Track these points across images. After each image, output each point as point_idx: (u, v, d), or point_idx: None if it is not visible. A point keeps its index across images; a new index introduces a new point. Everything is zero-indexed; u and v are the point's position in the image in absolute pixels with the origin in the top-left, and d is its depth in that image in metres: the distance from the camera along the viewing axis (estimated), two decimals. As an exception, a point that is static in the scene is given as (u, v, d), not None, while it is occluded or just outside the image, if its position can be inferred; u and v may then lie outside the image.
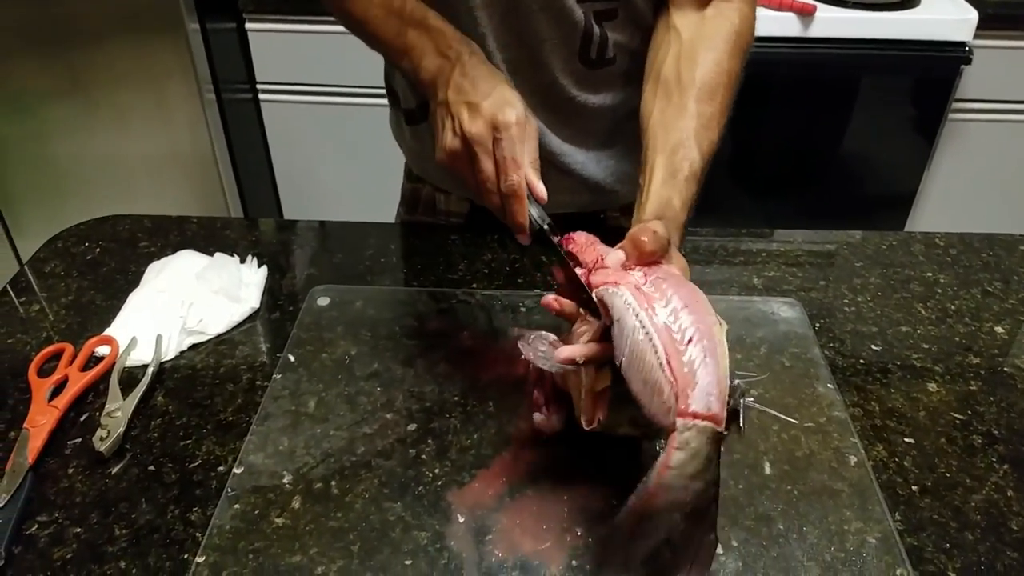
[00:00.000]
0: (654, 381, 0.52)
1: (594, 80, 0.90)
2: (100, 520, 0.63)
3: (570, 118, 0.93)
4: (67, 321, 0.84)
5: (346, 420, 0.71)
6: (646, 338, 0.54)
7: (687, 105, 0.76)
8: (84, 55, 1.80)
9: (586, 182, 0.97)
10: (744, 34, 0.82)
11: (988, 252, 0.97)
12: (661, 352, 0.53)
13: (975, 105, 1.89)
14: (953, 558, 0.61)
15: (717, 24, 0.81)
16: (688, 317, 0.54)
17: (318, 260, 0.94)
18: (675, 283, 0.58)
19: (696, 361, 0.53)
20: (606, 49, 0.88)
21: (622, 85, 0.92)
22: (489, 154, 0.71)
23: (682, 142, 0.75)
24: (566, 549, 0.59)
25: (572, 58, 0.87)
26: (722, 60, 0.79)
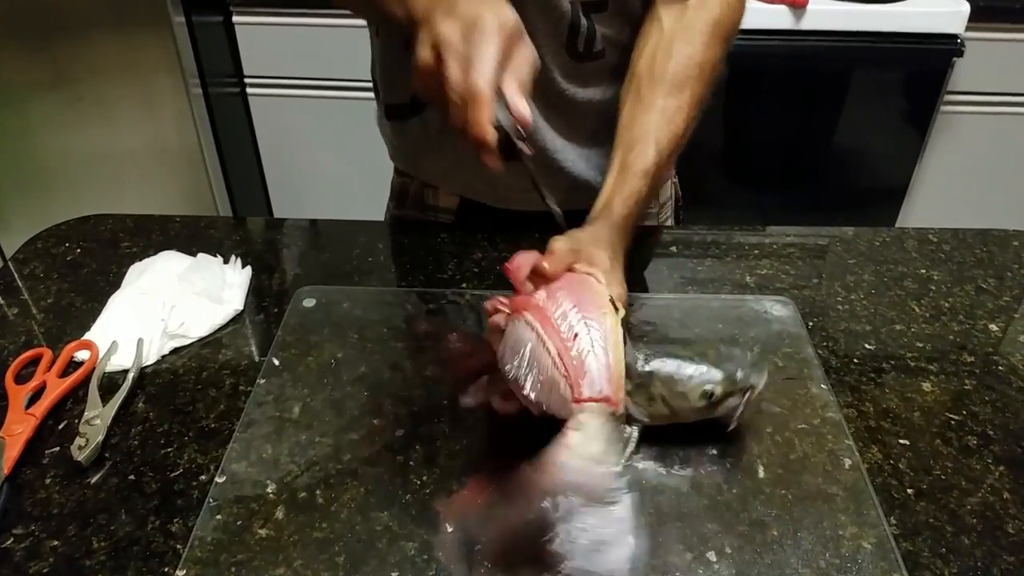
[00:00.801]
0: (549, 379, 0.56)
1: (582, 73, 0.88)
2: (78, 532, 0.61)
3: (560, 112, 0.91)
4: (46, 325, 0.82)
5: (332, 426, 0.69)
6: (539, 343, 0.57)
7: (654, 101, 0.79)
8: (68, 48, 1.77)
9: (576, 180, 0.95)
10: (724, 23, 0.82)
11: (982, 248, 0.96)
12: (553, 351, 0.57)
13: (967, 98, 1.89)
14: (949, 563, 0.60)
15: (697, 15, 0.81)
16: (576, 315, 0.60)
17: (304, 260, 0.93)
18: (569, 288, 0.63)
19: (584, 351, 0.58)
20: (594, 42, 0.86)
21: (611, 80, 0.90)
22: (459, 57, 0.60)
23: (639, 138, 0.78)
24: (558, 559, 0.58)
25: (560, 50, 0.86)
26: (695, 53, 0.80)
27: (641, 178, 0.77)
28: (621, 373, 0.59)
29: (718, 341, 0.71)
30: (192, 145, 1.89)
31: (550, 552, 0.51)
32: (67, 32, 1.75)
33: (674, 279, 0.89)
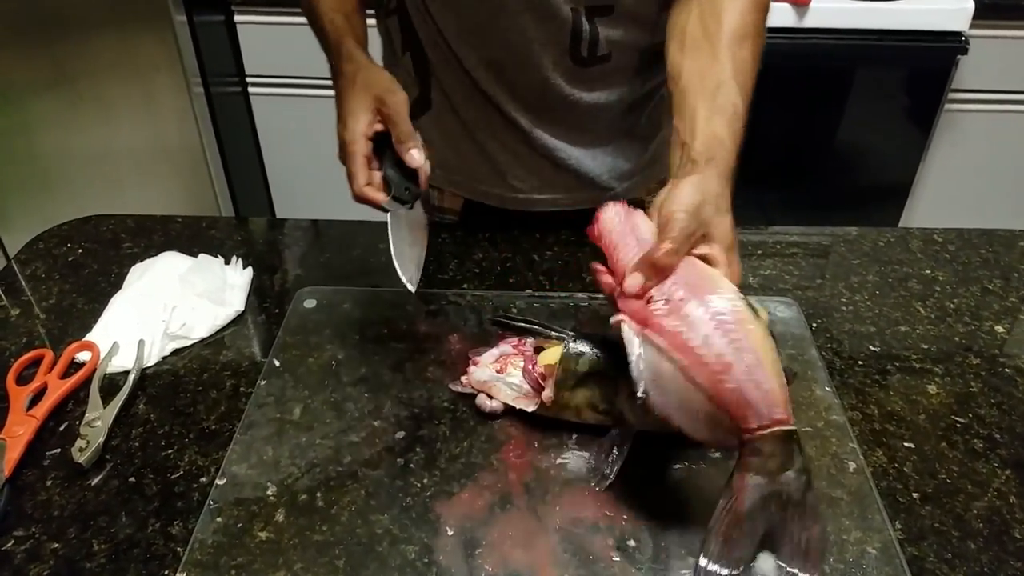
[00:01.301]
0: (707, 416, 0.55)
1: (587, 77, 0.88)
2: (78, 535, 0.61)
3: (564, 116, 0.91)
4: (47, 326, 0.82)
5: (332, 428, 0.69)
6: (687, 382, 0.55)
7: (719, 52, 0.74)
8: (69, 47, 1.76)
9: (582, 178, 0.95)
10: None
11: (987, 248, 0.95)
12: (706, 386, 0.54)
13: (971, 96, 1.88)
14: (955, 568, 0.59)
15: None
16: (721, 339, 0.55)
17: (305, 260, 0.92)
18: (695, 295, 0.58)
19: (743, 383, 0.54)
20: (598, 46, 0.85)
21: (619, 82, 0.90)
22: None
23: (721, 83, 0.72)
24: (558, 563, 0.58)
25: (563, 56, 0.85)
26: (746, 11, 0.76)
27: (739, 122, 0.71)
28: (783, 386, 0.56)
29: None
30: (194, 144, 1.89)
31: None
32: (68, 31, 1.75)
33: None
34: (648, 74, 0.92)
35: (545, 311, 0.82)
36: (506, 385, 0.69)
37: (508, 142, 0.92)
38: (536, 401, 0.68)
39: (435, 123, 0.94)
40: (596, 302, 0.84)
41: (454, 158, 0.96)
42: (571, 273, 0.89)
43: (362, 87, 0.76)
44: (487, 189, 0.98)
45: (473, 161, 0.95)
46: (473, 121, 0.92)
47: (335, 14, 0.83)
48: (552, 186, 0.96)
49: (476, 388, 0.71)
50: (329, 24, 0.83)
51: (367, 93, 0.76)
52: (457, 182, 1.00)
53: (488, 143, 0.93)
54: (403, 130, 0.74)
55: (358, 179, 0.74)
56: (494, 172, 0.95)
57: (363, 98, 0.76)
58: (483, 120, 0.92)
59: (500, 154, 0.94)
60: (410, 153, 0.74)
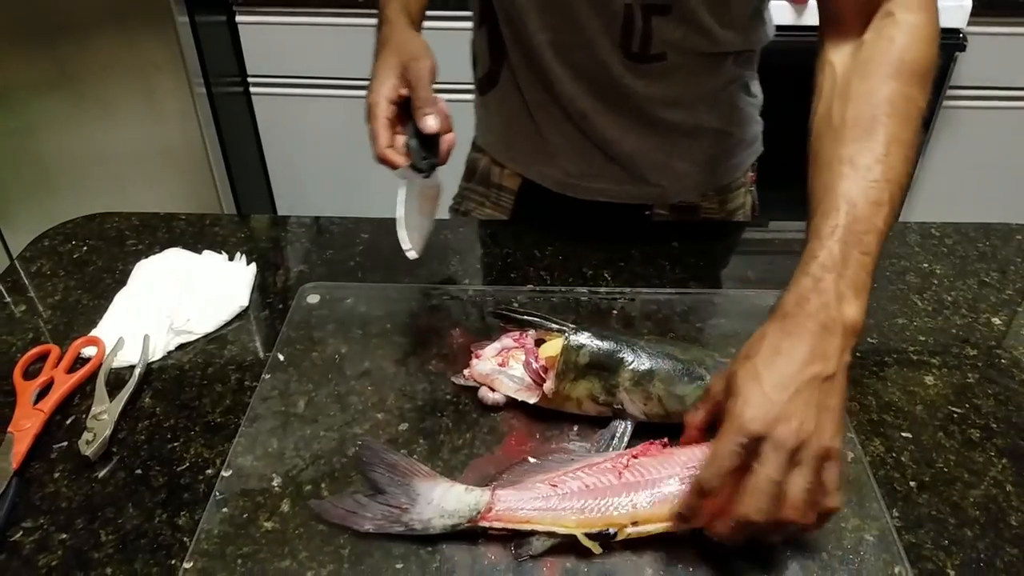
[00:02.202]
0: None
1: (642, 72, 0.87)
2: (86, 526, 0.62)
3: (619, 104, 0.90)
4: (53, 321, 0.82)
5: (336, 420, 0.70)
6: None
7: (836, 153, 0.65)
8: (71, 48, 1.77)
9: (632, 172, 0.94)
10: (912, 49, 0.68)
11: (984, 242, 0.96)
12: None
13: (969, 92, 1.88)
14: (952, 555, 0.60)
15: (875, 47, 0.69)
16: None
17: (308, 256, 0.93)
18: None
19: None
20: (651, 44, 0.84)
21: (677, 81, 0.88)
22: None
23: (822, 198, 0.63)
24: (560, 551, 0.58)
25: (614, 48, 0.85)
26: (878, 87, 0.66)
27: (827, 239, 0.60)
28: None
29: (714, 351, 0.71)
30: (196, 144, 1.90)
31: None
32: (71, 32, 1.76)
33: (676, 274, 0.89)
34: (711, 79, 0.90)
35: (546, 305, 0.83)
36: (508, 378, 0.70)
37: (564, 126, 0.92)
38: (538, 393, 0.69)
39: (501, 100, 0.95)
40: (596, 296, 0.84)
41: (515, 137, 0.97)
42: (571, 268, 0.90)
43: (392, 51, 0.78)
44: (542, 169, 0.98)
45: (531, 141, 0.95)
46: (534, 102, 0.93)
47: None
48: (602, 175, 0.95)
49: (478, 381, 0.71)
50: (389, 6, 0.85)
51: (395, 58, 0.77)
52: (516, 160, 1.00)
53: (545, 124, 0.93)
54: (421, 95, 0.75)
55: (380, 140, 0.75)
56: (549, 154, 0.95)
57: (391, 62, 0.77)
58: (543, 101, 0.92)
59: (556, 137, 0.94)
60: (425, 119, 0.75)
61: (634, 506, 0.58)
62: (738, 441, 0.53)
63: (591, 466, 0.61)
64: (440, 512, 0.59)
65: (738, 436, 0.53)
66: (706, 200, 1.00)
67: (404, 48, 0.78)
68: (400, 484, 0.61)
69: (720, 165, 0.98)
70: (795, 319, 0.58)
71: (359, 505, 0.60)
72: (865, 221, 0.60)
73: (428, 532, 0.58)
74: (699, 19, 0.83)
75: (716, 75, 0.90)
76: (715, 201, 1.01)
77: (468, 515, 0.58)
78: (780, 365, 0.56)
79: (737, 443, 0.53)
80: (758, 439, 0.53)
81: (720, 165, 0.98)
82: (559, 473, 0.61)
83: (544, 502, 0.59)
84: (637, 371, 0.67)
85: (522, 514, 0.58)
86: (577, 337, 0.67)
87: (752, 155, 1.02)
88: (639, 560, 0.58)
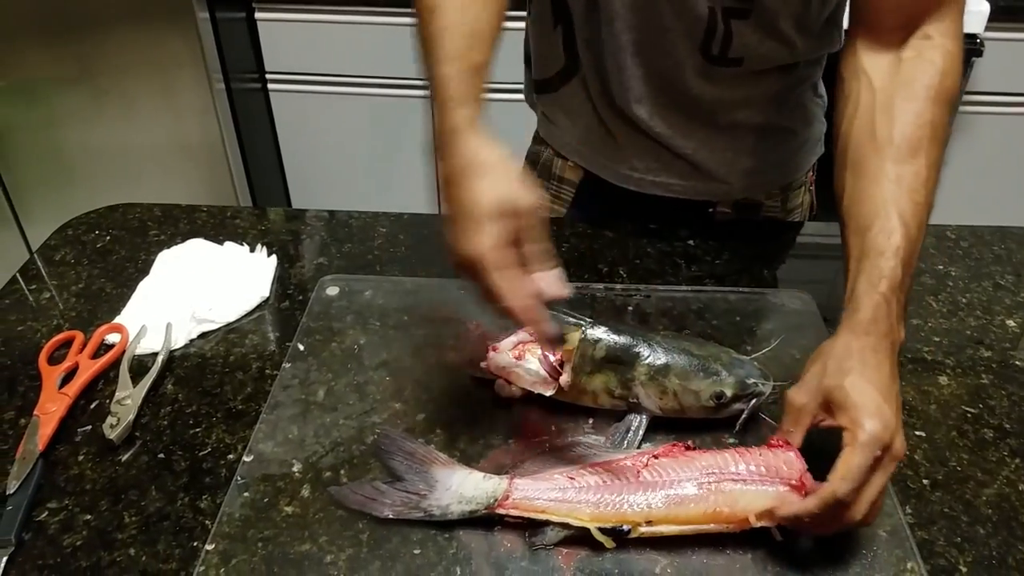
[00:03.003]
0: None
1: (717, 76, 0.86)
2: (110, 507, 0.63)
3: (684, 107, 0.90)
4: (77, 309, 0.84)
5: (355, 409, 0.71)
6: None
7: (884, 169, 0.66)
8: (94, 44, 1.79)
9: (697, 168, 0.94)
10: (950, 76, 0.71)
11: (1000, 245, 0.96)
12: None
13: (986, 98, 1.88)
14: (964, 552, 0.60)
15: (916, 68, 0.70)
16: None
17: (327, 250, 0.94)
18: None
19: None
20: (730, 47, 0.83)
21: (749, 85, 0.88)
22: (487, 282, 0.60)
23: (876, 213, 0.65)
24: (574, 543, 0.59)
25: (694, 51, 0.84)
26: (923, 110, 0.68)
27: (891, 259, 0.62)
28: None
29: (729, 348, 0.72)
30: (214, 139, 1.92)
31: None
32: (92, 28, 1.78)
33: (692, 272, 0.90)
34: (783, 81, 0.90)
35: (562, 301, 0.84)
36: (524, 371, 0.71)
37: (632, 124, 0.92)
38: (554, 386, 0.70)
39: (571, 98, 0.95)
40: (612, 292, 0.85)
41: (581, 132, 0.97)
42: (587, 264, 0.90)
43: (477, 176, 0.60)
44: (606, 163, 0.98)
45: (596, 135, 0.95)
46: (599, 96, 0.92)
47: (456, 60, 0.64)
48: (667, 171, 0.95)
49: (495, 374, 0.72)
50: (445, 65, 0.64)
51: (491, 193, 0.59)
52: (580, 154, 1.00)
53: (612, 122, 0.93)
54: (537, 250, 0.60)
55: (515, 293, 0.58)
56: (614, 149, 0.95)
57: (488, 198, 0.59)
58: (608, 98, 0.91)
59: (623, 134, 0.93)
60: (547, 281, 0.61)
61: (649, 506, 0.59)
62: (874, 454, 0.55)
63: (610, 462, 0.62)
64: (459, 498, 0.60)
65: (873, 449, 0.55)
66: (770, 198, 1.01)
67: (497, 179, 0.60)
68: (418, 471, 0.62)
69: (786, 164, 0.99)
70: (876, 337, 0.61)
71: (378, 492, 0.61)
72: (915, 243, 0.65)
73: (446, 518, 0.59)
74: (777, 24, 0.82)
75: (788, 77, 0.90)
76: (778, 199, 1.01)
77: (486, 502, 0.59)
78: (882, 380, 0.59)
79: (874, 455, 0.55)
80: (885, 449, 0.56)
81: (786, 164, 0.99)
82: (578, 466, 0.62)
83: (561, 493, 0.60)
84: (653, 366, 0.67)
85: (538, 504, 0.59)
86: (594, 331, 0.68)
87: (815, 155, 1.02)
88: (654, 553, 0.59)
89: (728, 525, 0.58)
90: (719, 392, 0.67)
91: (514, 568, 0.58)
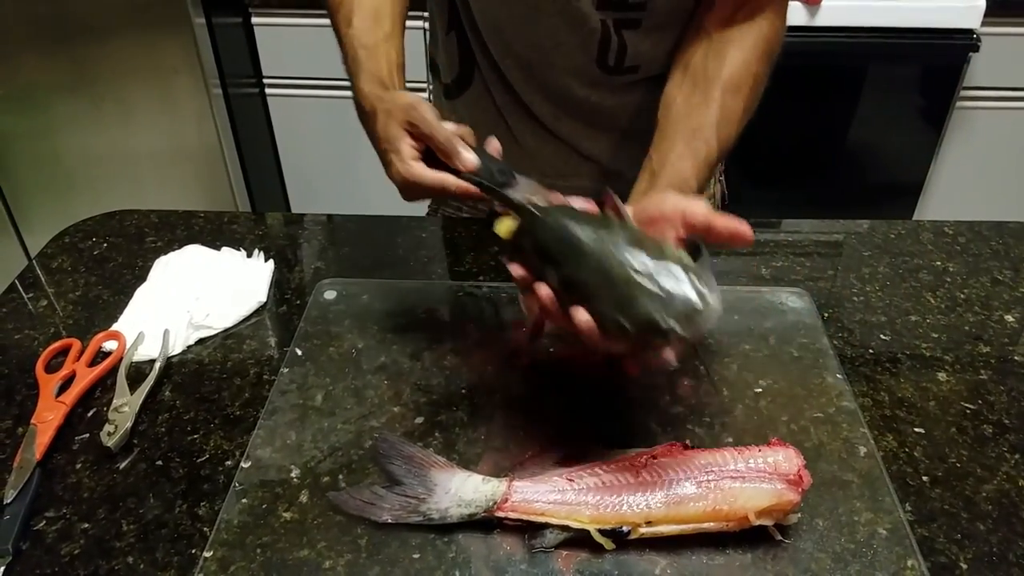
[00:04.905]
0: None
1: (612, 84, 0.89)
2: (108, 515, 0.63)
3: (587, 114, 0.92)
4: (74, 316, 0.84)
5: (353, 413, 0.71)
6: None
7: (712, 95, 0.77)
8: (90, 50, 1.80)
9: (607, 169, 0.96)
10: (773, 42, 0.82)
11: (997, 240, 0.96)
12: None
13: (983, 93, 1.88)
14: (964, 549, 0.60)
15: (747, 28, 0.81)
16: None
17: (325, 254, 0.94)
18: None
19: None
20: (625, 57, 0.87)
21: (646, 89, 0.90)
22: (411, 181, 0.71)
23: (702, 127, 0.76)
24: (574, 545, 0.59)
25: (589, 63, 0.87)
26: (750, 60, 0.80)
27: (707, 169, 0.76)
28: None
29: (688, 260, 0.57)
30: (212, 144, 1.92)
31: None
32: (89, 34, 1.78)
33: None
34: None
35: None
36: None
37: (537, 131, 0.94)
38: None
39: (472, 105, 0.96)
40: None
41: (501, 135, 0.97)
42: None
43: (386, 119, 0.72)
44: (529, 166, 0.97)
45: (505, 142, 0.95)
46: (506, 107, 0.94)
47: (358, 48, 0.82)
48: (578, 174, 0.97)
49: None
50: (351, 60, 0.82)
51: (393, 122, 0.71)
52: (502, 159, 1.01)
53: (517, 128, 0.95)
54: (441, 137, 0.68)
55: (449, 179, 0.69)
56: (524, 155, 0.96)
57: (392, 128, 0.71)
58: (512, 105, 0.93)
59: (529, 140, 0.95)
60: (461, 156, 0.68)
61: (648, 506, 0.58)
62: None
63: (609, 463, 0.62)
64: (458, 502, 0.59)
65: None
66: None
67: (393, 108, 0.71)
68: (417, 475, 0.62)
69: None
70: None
71: (376, 496, 0.61)
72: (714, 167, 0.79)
73: (445, 521, 0.59)
74: (667, 25, 0.86)
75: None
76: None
77: (485, 505, 0.59)
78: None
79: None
80: None
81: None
82: (577, 468, 0.62)
83: (560, 495, 0.60)
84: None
85: (538, 506, 0.59)
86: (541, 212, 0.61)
87: None
88: (654, 554, 0.59)
89: (728, 523, 0.58)
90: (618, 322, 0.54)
91: (514, 571, 0.57)
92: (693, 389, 0.73)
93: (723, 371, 0.75)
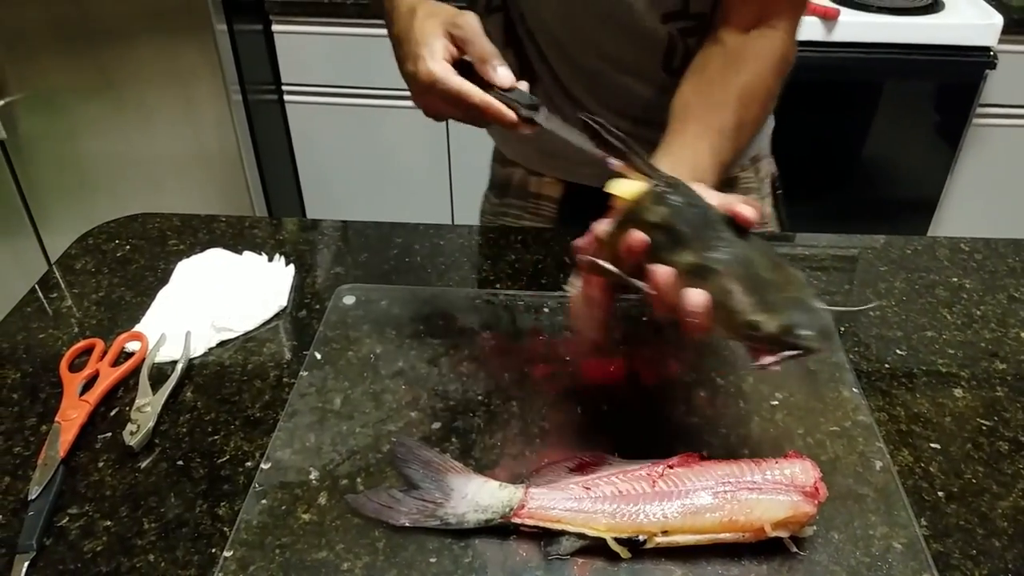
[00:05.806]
0: None
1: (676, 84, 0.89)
2: (130, 513, 0.64)
3: (645, 118, 0.93)
4: (97, 317, 0.85)
5: (371, 417, 0.71)
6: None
7: (729, 101, 0.79)
8: (113, 55, 1.82)
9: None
10: (786, 59, 0.84)
11: (1014, 257, 0.96)
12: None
13: (999, 110, 1.88)
14: (980, 565, 0.60)
15: (762, 43, 0.83)
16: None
17: (344, 259, 0.95)
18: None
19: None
20: (690, 59, 0.88)
21: None
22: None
23: (724, 128, 0.77)
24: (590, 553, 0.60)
25: (656, 70, 0.89)
26: (765, 74, 0.81)
27: (720, 168, 0.76)
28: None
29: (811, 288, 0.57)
30: (231, 149, 1.94)
31: None
32: (112, 40, 1.81)
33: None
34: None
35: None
36: None
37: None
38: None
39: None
40: (627, 303, 0.86)
41: (554, 147, 0.98)
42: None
43: (426, 17, 0.69)
44: (586, 170, 0.98)
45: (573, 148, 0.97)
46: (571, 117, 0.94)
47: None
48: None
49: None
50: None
51: (434, 20, 0.69)
52: (558, 167, 1.01)
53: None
54: (481, 49, 0.67)
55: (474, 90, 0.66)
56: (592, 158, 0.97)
57: (431, 26, 0.68)
58: (572, 107, 0.94)
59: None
60: (497, 72, 0.67)
61: (665, 516, 0.59)
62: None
63: (626, 472, 0.62)
64: (474, 507, 0.60)
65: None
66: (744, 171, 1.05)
67: (438, 10, 0.69)
68: (434, 479, 0.63)
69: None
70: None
71: (394, 500, 0.62)
72: (728, 165, 0.78)
73: (462, 526, 0.60)
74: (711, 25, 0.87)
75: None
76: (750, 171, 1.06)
77: (501, 511, 0.60)
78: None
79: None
80: None
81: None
82: (593, 476, 0.62)
83: (576, 503, 0.60)
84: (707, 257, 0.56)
85: (554, 513, 0.60)
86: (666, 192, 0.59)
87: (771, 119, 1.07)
88: (669, 563, 0.59)
89: (744, 534, 0.58)
90: (755, 322, 0.54)
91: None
92: (709, 400, 0.73)
93: (740, 383, 0.75)
